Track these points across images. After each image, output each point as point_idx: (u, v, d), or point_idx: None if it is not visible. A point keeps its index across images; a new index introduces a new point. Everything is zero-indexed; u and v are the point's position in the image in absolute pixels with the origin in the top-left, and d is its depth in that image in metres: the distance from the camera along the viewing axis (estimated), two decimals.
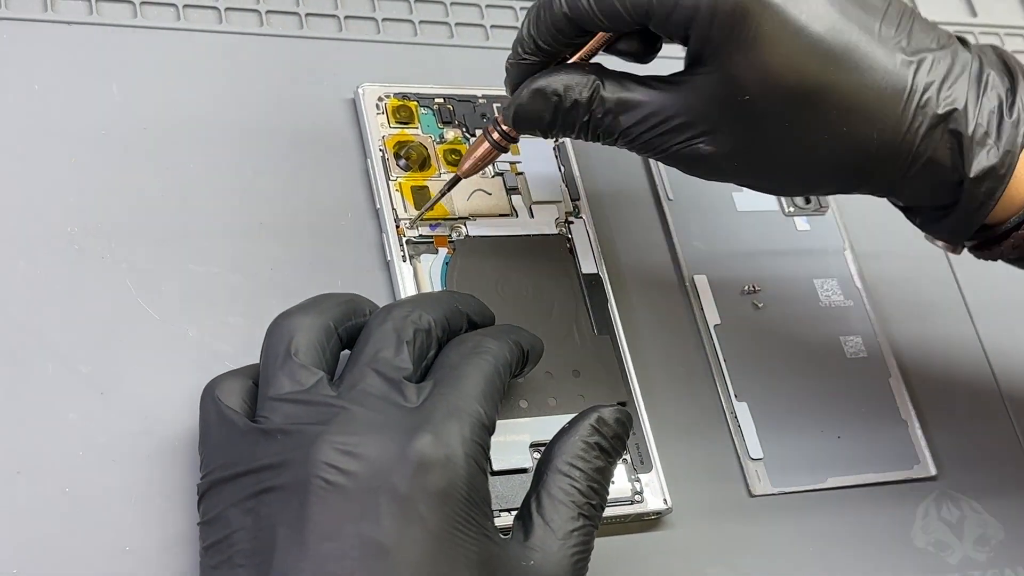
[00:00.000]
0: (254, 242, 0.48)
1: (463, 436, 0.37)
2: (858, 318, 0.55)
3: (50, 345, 0.43)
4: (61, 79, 0.48)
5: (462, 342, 0.41)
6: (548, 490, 0.40)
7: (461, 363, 0.40)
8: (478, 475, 0.38)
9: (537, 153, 0.53)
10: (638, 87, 0.43)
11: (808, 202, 0.57)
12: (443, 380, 0.39)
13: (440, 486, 0.36)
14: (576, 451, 0.41)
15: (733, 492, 0.49)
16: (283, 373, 0.39)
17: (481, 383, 0.39)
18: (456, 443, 0.37)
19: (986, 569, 0.51)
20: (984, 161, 0.42)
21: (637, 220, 0.54)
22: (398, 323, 0.40)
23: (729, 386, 0.51)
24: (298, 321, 0.40)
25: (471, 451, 0.38)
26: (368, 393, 0.38)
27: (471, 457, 0.37)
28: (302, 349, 0.39)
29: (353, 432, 0.37)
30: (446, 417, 0.38)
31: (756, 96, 0.41)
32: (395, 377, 0.39)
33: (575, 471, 0.40)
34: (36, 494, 0.41)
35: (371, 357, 0.39)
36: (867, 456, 0.51)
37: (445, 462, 0.37)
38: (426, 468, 0.36)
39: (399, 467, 0.36)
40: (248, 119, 0.50)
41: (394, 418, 0.38)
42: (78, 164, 0.47)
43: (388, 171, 0.50)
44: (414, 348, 0.40)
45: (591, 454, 0.41)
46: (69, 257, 0.45)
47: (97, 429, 0.42)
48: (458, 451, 0.37)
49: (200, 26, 0.51)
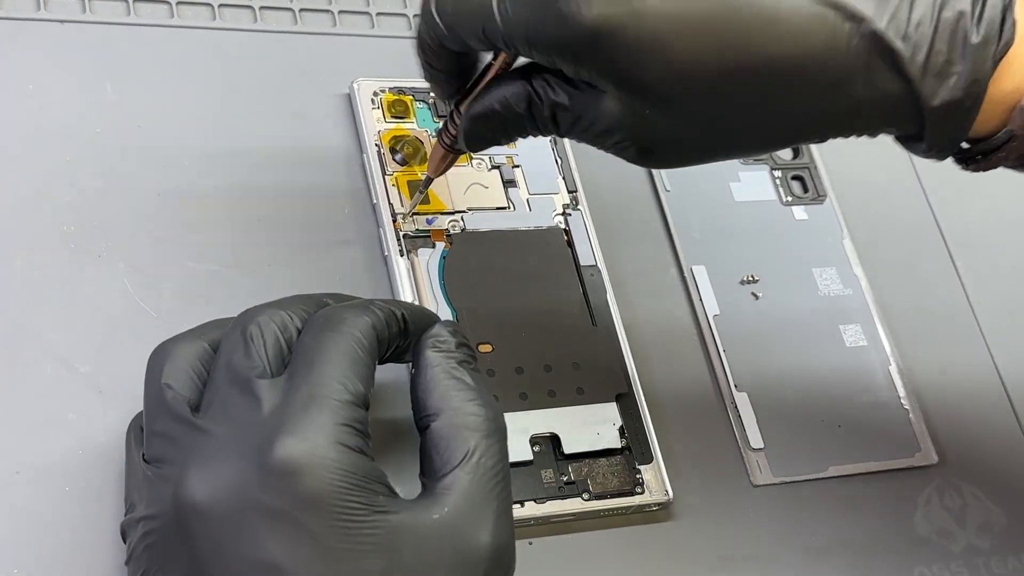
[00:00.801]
0: (251, 239, 0.48)
1: (322, 423, 0.35)
2: (857, 307, 0.55)
3: (48, 345, 0.43)
4: (55, 78, 0.48)
5: (314, 320, 0.38)
6: (435, 433, 0.37)
7: (312, 343, 0.37)
8: (351, 457, 0.35)
9: (534, 146, 0.53)
10: (563, 90, 0.40)
11: (806, 191, 0.57)
12: (296, 369, 0.36)
13: (311, 487, 0.34)
14: (440, 381, 0.38)
15: (734, 482, 0.49)
16: (156, 406, 0.37)
17: (335, 358, 0.36)
18: (316, 434, 0.34)
19: (989, 556, 0.51)
20: (945, 94, 0.37)
21: (635, 211, 0.54)
22: (245, 325, 0.38)
23: (729, 376, 0.51)
24: (168, 347, 0.39)
25: (336, 436, 0.35)
26: (224, 406, 0.36)
27: (337, 443, 0.35)
28: (173, 377, 0.38)
29: (212, 457, 0.35)
30: (300, 410, 0.35)
31: (661, 105, 0.38)
32: (247, 377, 0.36)
33: (450, 399, 0.38)
34: (35, 494, 0.41)
35: (223, 365, 0.37)
36: (868, 445, 0.51)
37: (309, 460, 0.34)
38: (290, 473, 0.34)
39: (262, 481, 0.34)
40: (243, 115, 0.50)
41: (249, 427, 0.35)
42: (73, 163, 0.47)
43: (384, 166, 0.50)
44: (265, 345, 0.37)
45: (455, 373, 0.38)
46: (66, 256, 0.45)
47: (96, 428, 0.42)
48: (320, 443, 0.34)
49: (193, 23, 0.51)
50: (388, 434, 0.44)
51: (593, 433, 0.47)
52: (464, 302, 0.48)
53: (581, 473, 0.46)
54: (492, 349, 0.47)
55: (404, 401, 0.40)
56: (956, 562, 0.50)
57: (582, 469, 0.46)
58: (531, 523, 0.45)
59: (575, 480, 0.46)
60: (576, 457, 0.46)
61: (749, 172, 0.57)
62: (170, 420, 0.37)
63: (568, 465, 0.46)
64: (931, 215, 0.59)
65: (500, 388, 0.46)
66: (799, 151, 0.58)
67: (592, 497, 0.46)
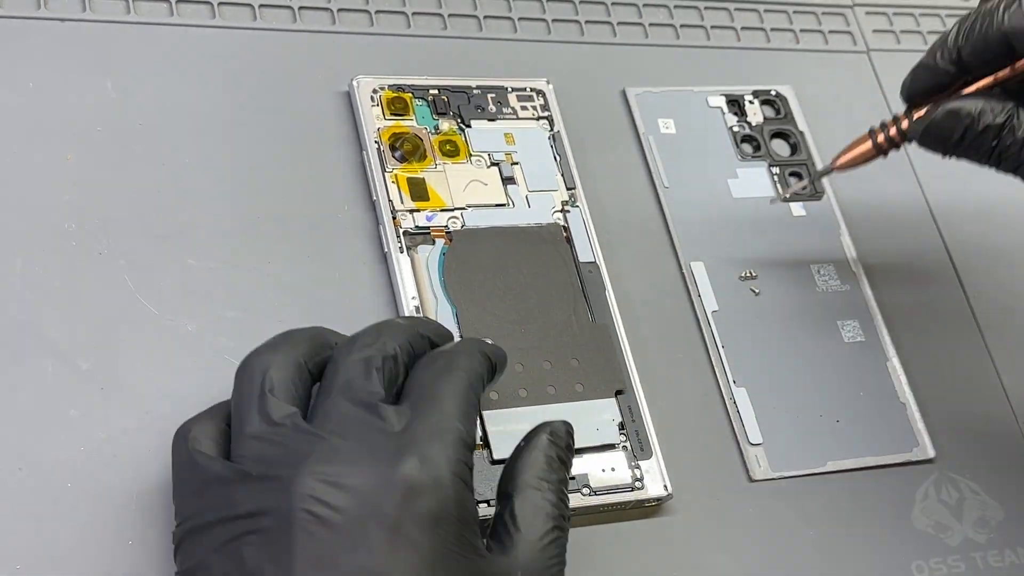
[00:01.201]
0: (251, 236, 0.48)
1: (448, 457, 0.37)
2: (855, 303, 0.55)
3: (49, 342, 0.43)
4: (55, 76, 0.48)
5: (433, 360, 0.41)
6: (523, 504, 0.40)
7: (435, 382, 0.39)
8: (466, 494, 0.37)
9: (532, 142, 0.53)
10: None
11: (804, 188, 0.57)
12: (420, 401, 0.39)
13: (431, 510, 0.36)
14: (541, 464, 0.41)
15: (733, 477, 0.49)
16: (257, 410, 0.38)
17: (458, 400, 0.39)
18: (442, 464, 0.37)
19: (986, 550, 0.51)
20: None
21: (633, 208, 0.55)
22: (365, 352, 0.39)
23: (728, 372, 0.51)
24: (269, 358, 0.39)
25: (458, 471, 0.37)
26: (345, 421, 0.38)
27: (458, 477, 0.37)
28: (276, 386, 0.38)
29: (335, 462, 0.36)
30: (429, 438, 0.37)
31: None
32: (371, 402, 0.38)
33: (544, 484, 0.40)
34: (38, 490, 0.41)
35: (343, 386, 0.39)
36: (866, 439, 0.52)
37: (433, 485, 0.36)
38: (415, 492, 0.36)
39: (387, 494, 0.36)
40: (243, 113, 0.50)
41: (376, 444, 0.37)
42: (74, 161, 0.47)
43: (384, 163, 0.50)
44: (384, 374, 0.39)
45: (554, 465, 0.41)
46: (67, 254, 0.45)
47: (98, 425, 0.42)
48: (445, 472, 0.37)
49: (193, 21, 0.51)
50: None
51: (592, 429, 0.47)
52: (464, 299, 0.48)
53: (580, 468, 0.46)
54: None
55: None
56: (953, 556, 0.51)
57: (581, 464, 0.46)
58: None
59: (574, 475, 0.46)
60: (575, 452, 0.46)
61: (747, 168, 0.57)
62: (278, 427, 0.37)
63: None
64: (929, 212, 0.59)
65: (500, 384, 0.46)
66: (797, 147, 0.58)
67: (591, 493, 0.46)
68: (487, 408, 0.46)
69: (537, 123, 0.54)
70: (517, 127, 0.53)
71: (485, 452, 0.45)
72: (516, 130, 0.53)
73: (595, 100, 0.57)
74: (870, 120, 0.61)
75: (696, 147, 0.57)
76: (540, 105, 0.54)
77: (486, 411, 0.46)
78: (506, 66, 0.55)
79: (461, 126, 0.52)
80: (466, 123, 0.52)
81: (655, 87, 0.58)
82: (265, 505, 0.36)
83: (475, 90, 0.53)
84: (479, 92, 0.53)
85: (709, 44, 0.61)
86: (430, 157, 0.51)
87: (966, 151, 0.46)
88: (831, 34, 0.64)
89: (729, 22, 0.62)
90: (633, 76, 0.58)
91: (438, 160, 0.51)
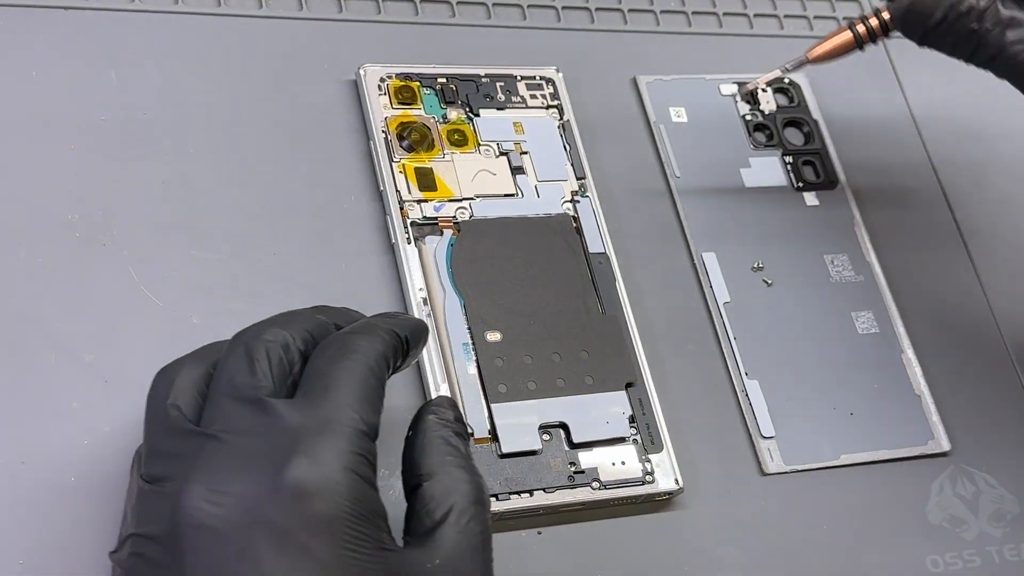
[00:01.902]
0: (257, 227, 0.47)
1: (340, 450, 0.35)
2: (869, 293, 0.54)
3: (52, 334, 0.43)
4: (59, 66, 0.48)
5: (328, 345, 0.38)
6: (431, 490, 0.38)
7: (328, 369, 0.37)
8: (363, 488, 0.35)
9: (542, 132, 0.52)
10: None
11: (817, 177, 0.57)
12: (311, 392, 0.36)
13: (322, 512, 0.34)
14: (437, 444, 0.39)
15: (745, 471, 0.49)
16: (160, 426, 0.37)
17: (354, 387, 0.36)
18: (332, 460, 0.34)
19: (1002, 544, 0.51)
20: None
21: (644, 198, 0.54)
22: (249, 345, 0.37)
23: (739, 364, 0.51)
24: (174, 371, 0.38)
25: (352, 464, 0.35)
26: (230, 422, 0.36)
27: (352, 471, 0.35)
28: (179, 399, 0.37)
29: (219, 469, 0.34)
30: (318, 433, 0.35)
31: None
32: (255, 397, 0.36)
33: (448, 461, 0.38)
34: (41, 484, 0.40)
35: (226, 384, 0.37)
36: (880, 432, 0.51)
37: (323, 484, 0.34)
38: (304, 495, 0.34)
39: (273, 499, 0.34)
40: (248, 103, 0.50)
41: (262, 444, 0.35)
42: (77, 151, 0.46)
43: (391, 153, 0.49)
44: (271, 365, 0.37)
45: (452, 440, 0.39)
46: (70, 245, 0.44)
47: (101, 418, 0.42)
48: (336, 469, 0.34)
49: (198, 9, 0.51)
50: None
51: (603, 422, 0.46)
52: (472, 290, 0.47)
53: (591, 462, 0.46)
54: (500, 338, 0.47)
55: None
56: (969, 550, 0.50)
57: (591, 458, 0.46)
58: (540, 512, 0.45)
59: (584, 469, 0.45)
60: (585, 446, 0.46)
61: (760, 158, 0.56)
62: (173, 435, 0.36)
63: (577, 454, 0.46)
64: (944, 201, 0.59)
65: (508, 376, 0.46)
66: (811, 136, 0.57)
67: (602, 486, 0.45)
68: (495, 401, 0.45)
69: (547, 112, 0.53)
70: (526, 116, 0.52)
71: (494, 446, 0.45)
72: (525, 119, 0.52)
73: (605, 88, 0.56)
74: (885, 107, 0.61)
75: (708, 136, 0.56)
76: (550, 94, 0.53)
77: (494, 404, 0.45)
78: (515, 54, 0.55)
79: (469, 115, 0.51)
80: (475, 112, 0.52)
81: (666, 75, 0.57)
82: (156, 521, 0.35)
83: (484, 78, 0.53)
84: (488, 80, 0.52)
85: (721, 31, 0.60)
86: (438, 147, 0.50)
87: (945, 35, 0.45)
88: (845, 20, 0.63)
89: (742, 9, 0.61)
90: (644, 64, 0.57)
91: (446, 150, 0.50)
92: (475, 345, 0.46)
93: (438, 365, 0.46)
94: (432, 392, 0.45)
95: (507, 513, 0.44)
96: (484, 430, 0.45)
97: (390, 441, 0.41)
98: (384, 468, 0.43)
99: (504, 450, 0.45)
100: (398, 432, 0.40)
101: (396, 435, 0.40)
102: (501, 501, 0.44)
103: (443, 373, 0.45)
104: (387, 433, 0.39)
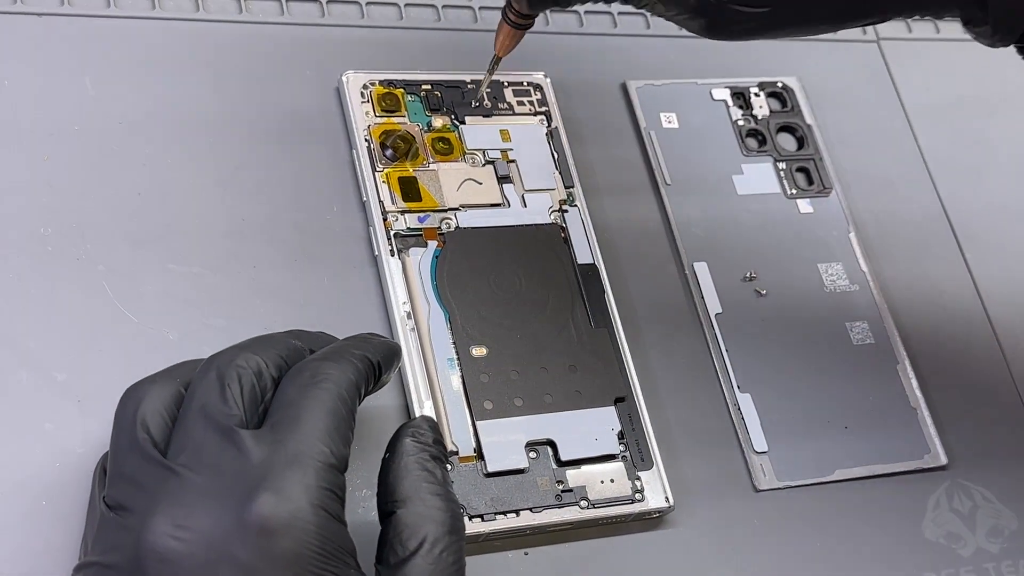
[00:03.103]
0: (236, 240, 0.46)
1: (307, 485, 0.34)
2: (864, 303, 0.53)
3: (23, 352, 0.42)
4: (32, 73, 0.47)
5: (298, 372, 0.37)
6: (405, 518, 0.37)
7: (297, 398, 0.36)
8: (330, 524, 0.34)
9: (529, 139, 0.51)
10: None
11: (811, 183, 0.56)
12: (280, 423, 0.36)
13: (288, 549, 0.33)
14: (414, 469, 0.38)
15: (737, 487, 0.48)
16: (127, 448, 0.36)
17: (322, 418, 0.36)
18: (300, 496, 0.34)
19: (1000, 561, 0.50)
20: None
21: (634, 206, 0.53)
22: (221, 370, 0.37)
23: (732, 377, 0.50)
24: (144, 389, 0.37)
25: (319, 500, 0.34)
26: (200, 451, 0.35)
27: (319, 507, 0.34)
28: (147, 419, 0.36)
29: (185, 503, 0.34)
30: (285, 467, 0.34)
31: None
32: (226, 425, 0.35)
33: (423, 488, 0.37)
34: (12, 507, 0.39)
35: (197, 410, 0.36)
36: (875, 447, 0.50)
37: (290, 521, 0.33)
38: (269, 532, 0.33)
39: (239, 535, 0.33)
40: (228, 111, 0.49)
41: (229, 477, 0.34)
42: (51, 162, 0.45)
43: (374, 162, 0.48)
44: (243, 392, 0.36)
45: (429, 465, 0.38)
46: (43, 259, 0.43)
47: (75, 439, 0.41)
48: (303, 505, 0.34)
49: (176, 14, 0.50)
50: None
51: (591, 438, 0.45)
52: (457, 303, 0.46)
53: (579, 480, 0.45)
54: (486, 352, 0.46)
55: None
56: (966, 567, 0.49)
57: (580, 476, 0.45)
58: (527, 532, 0.44)
59: (573, 488, 0.44)
60: (574, 463, 0.45)
61: (752, 164, 0.55)
62: (141, 463, 0.35)
63: (565, 472, 0.45)
64: (940, 207, 0.58)
65: (494, 392, 0.45)
66: (804, 141, 0.56)
67: (590, 505, 0.44)
68: (481, 419, 0.44)
69: (534, 119, 0.52)
70: (513, 123, 0.51)
71: (479, 464, 0.44)
72: (512, 126, 0.51)
73: (594, 94, 0.55)
74: (880, 111, 0.60)
75: (699, 142, 0.55)
76: (537, 100, 0.52)
77: (480, 421, 0.44)
78: (502, 59, 0.54)
79: (455, 123, 0.50)
80: (460, 119, 0.51)
81: (657, 80, 0.56)
82: (118, 550, 0.34)
83: (469, 85, 0.51)
84: (473, 87, 0.51)
85: None
86: (422, 155, 0.49)
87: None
88: None
89: None
90: (634, 68, 0.56)
91: (431, 159, 0.49)
92: (460, 360, 0.45)
93: (422, 381, 0.45)
94: (416, 409, 0.44)
95: (493, 534, 0.43)
96: (469, 448, 0.44)
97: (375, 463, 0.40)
98: (367, 488, 0.42)
99: (490, 469, 0.44)
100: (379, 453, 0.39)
101: (377, 455, 0.39)
102: (487, 521, 0.43)
103: (427, 389, 0.44)
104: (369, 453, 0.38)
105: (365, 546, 0.36)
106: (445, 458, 0.40)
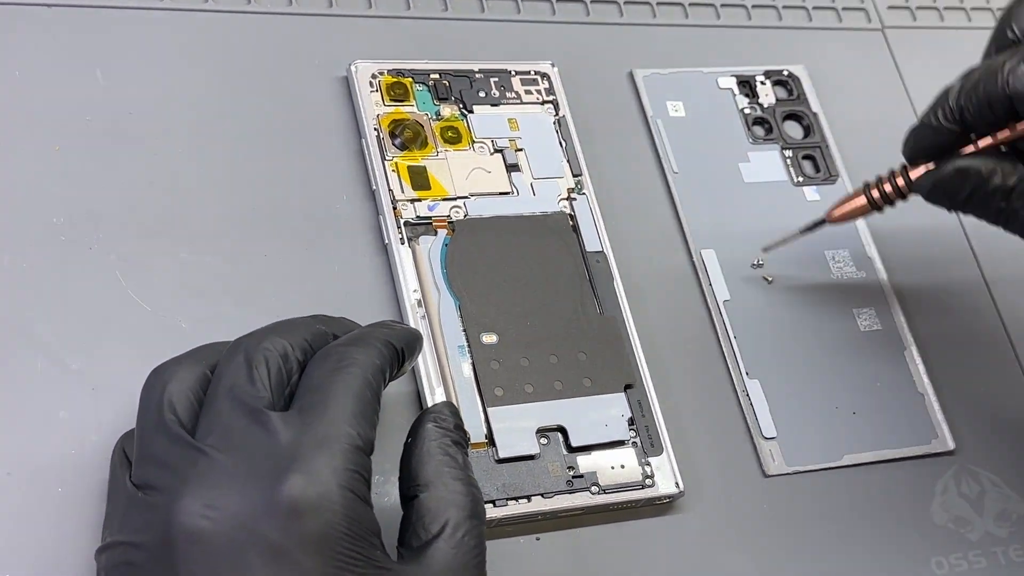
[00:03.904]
0: (247, 229, 0.46)
1: (335, 467, 0.34)
2: (871, 290, 0.53)
3: (38, 341, 0.42)
4: (43, 64, 0.47)
5: (325, 357, 0.38)
6: (427, 502, 0.37)
7: (325, 382, 0.37)
8: (358, 505, 0.35)
9: (537, 128, 0.51)
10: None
11: (818, 171, 0.56)
12: (308, 406, 0.36)
13: (316, 530, 0.34)
14: (436, 454, 0.38)
15: (746, 473, 0.48)
16: (153, 428, 0.36)
17: (350, 402, 0.36)
18: (329, 477, 0.34)
19: (1008, 545, 0.50)
20: None
21: (642, 195, 0.53)
22: (249, 352, 0.37)
23: (740, 363, 0.50)
24: (171, 370, 0.37)
25: (347, 482, 0.35)
26: (229, 433, 0.35)
27: (347, 489, 0.34)
28: (175, 400, 0.36)
29: (215, 483, 0.34)
30: (314, 449, 0.35)
31: None
32: (255, 407, 0.36)
33: (445, 473, 0.38)
34: (28, 495, 0.39)
35: (226, 391, 0.36)
36: (883, 432, 0.50)
37: (319, 502, 0.34)
38: (298, 513, 0.33)
39: (269, 515, 0.33)
40: (237, 101, 0.49)
41: (259, 459, 0.35)
42: (62, 152, 0.45)
43: (383, 151, 0.48)
44: (270, 375, 0.37)
45: (451, 451, 0.39)
46: (55, 249, 0.44)
47: (89, 427, 0.41)
48: (332, 486, 0.34)
49: (186, 5, 0.50)
50: None
51: (601, 425, 0.46)
52: (467, 291, 0.46)
53: (589, 466, 0.45)
54: (496, 340, 0.46)
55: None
56: (974, 551, 0.49)
57: (590, 462, 0.45)
58: (538, 518, 0.44)
59: (583, 473, 0.45)
60: (584, 449, 0.45)
61: (759, 152, 0.55)
62: (168, 444, 0.36)
63: (576, 458, 0.45)
64: None
65: (505, 379, 0.45)
66: (810, 129, 0.57)
67: (601, 491, 0.45)
68: (492, 405, 0.44)
69: (542, 108, 0.52)
70: (521, 112, 0.51)
71: (490, 450, 0.44)
72: (520, 115, 0.51)
73: (602, 83, 0.55)
74: (885, 100, 0.60)
75: (706, 130, 0.55)
76: (545, 89, 0.52)
77: (491, 408, 0.44)
78: (509, 49, 0.54)
79: (463, 112, 0.51)
80: (468, 108, 0.51)
81: (663, 68, 0.56)
82: (145, 530, 0.34)
83: (478, 74, 0.52)
84: (482, 76, 0.52)
85: (719, 23, 0.59)
86: (431, 144, 0.49)
87: (973, 209, 0.45)
88: (845, 11, 0.62)
89: (740, 0, 0.60)
90: (641, 57, 0.56)
91: (440, 147, 0.49)
92: (471, 347, 0.45)
93: (433, 368, 0.45)
94: (428, 396, 0.44)
95: (504, 519, 0.43)
96: (480, 434, 0.44)
97: (389, 448, 0.40)
98: (379, 475, 0.43)
99: (501, 455, 0.44)
100: (396, 438, 0.40)
101: (395, 441, 0.40)
102: (498, 507, 0.43)
103: (438, 376, 0.45)
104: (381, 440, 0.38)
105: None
106: (465, 443, 0.40)
